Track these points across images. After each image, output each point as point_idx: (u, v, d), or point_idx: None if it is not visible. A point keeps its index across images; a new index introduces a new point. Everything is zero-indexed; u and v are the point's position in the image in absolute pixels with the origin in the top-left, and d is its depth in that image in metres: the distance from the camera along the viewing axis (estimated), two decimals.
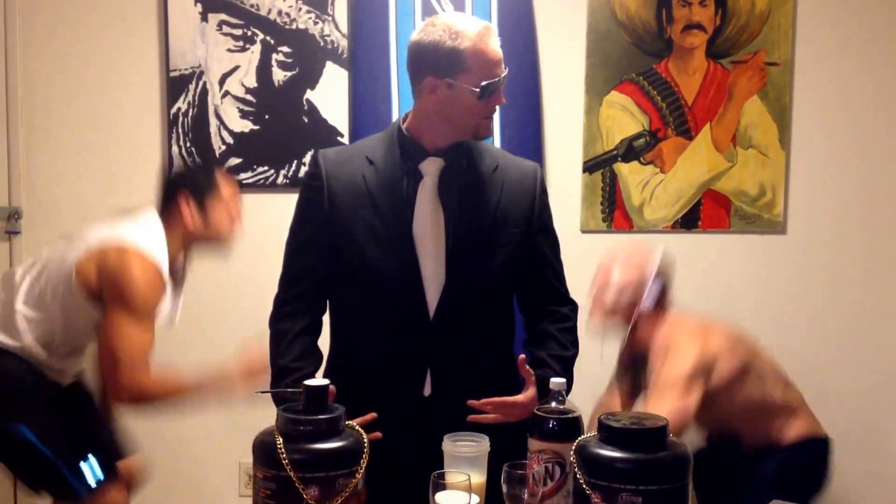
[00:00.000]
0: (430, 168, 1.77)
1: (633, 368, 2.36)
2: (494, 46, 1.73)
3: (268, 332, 1.87)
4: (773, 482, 2.21)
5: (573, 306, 1.90)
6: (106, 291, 2.09)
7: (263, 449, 1.33)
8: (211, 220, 2.25)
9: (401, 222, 1.75)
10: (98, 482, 2.18)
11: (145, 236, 2.15)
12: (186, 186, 2.24)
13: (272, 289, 2.79)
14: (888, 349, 2.71)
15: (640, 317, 2.27)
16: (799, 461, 2.26)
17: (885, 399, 2.72)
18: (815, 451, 2.28)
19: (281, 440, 1.31)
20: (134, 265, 2.08)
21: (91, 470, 2.18)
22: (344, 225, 1.78)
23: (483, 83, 1.70)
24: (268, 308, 2.83)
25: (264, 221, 2.79)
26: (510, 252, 1.80)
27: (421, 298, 1.75)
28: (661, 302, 2.29)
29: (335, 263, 1.81)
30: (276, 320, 1.87)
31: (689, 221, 2.73)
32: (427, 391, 1.77)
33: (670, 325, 2.27)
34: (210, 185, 2.26)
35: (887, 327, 2.71)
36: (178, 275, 2.29)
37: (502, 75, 1.74)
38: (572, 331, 1.87)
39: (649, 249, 2.31)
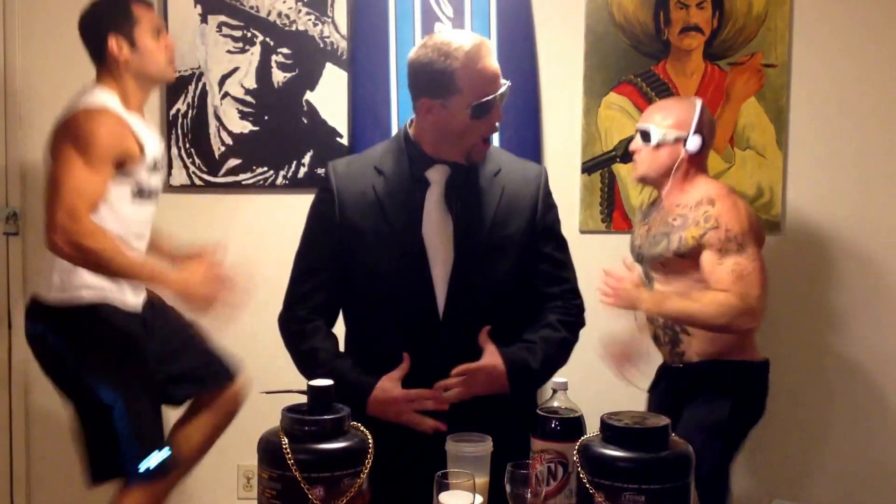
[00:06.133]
0: (437, 176, 1.79)
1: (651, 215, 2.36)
2: (487, 63, 1.72)
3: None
4: (728, 400, 2.20)
5: (572, 316, 1.88)
6: (57, 141, 2.02)
7: (268, 449, 1.33)
8: (145, 53, 2.16)
9: (412, 231, 1.77)
10: (152, 473, 2.12)
11: (90, 96, 2.08)
12: (107, 27, 2.15)
13: (272, 288, 2.80)
14: (887, 349, 2.73)
15: (681, 163, 2.23)
16: (752, 382, 2.26)
17: (882, 396, 2.73)
18: (761, 373, 2.28)
19: (286, 440, 1.31)
20: (83, 116, 2.01)
21: (160, 460, 2.14)
22: (355, 236, 1.80)
23: (474, 104, 1.70)
24: (269, 305, 2.84)
25: (264, 222, 2.80)
26: (514, 255, 1.81)
27: (432, 306, 1.77)
28: (701, 154, 2.26)
29: (347, 275, 1.83)
30: (289, 334, 1.90)
31: None
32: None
33: (710, 182, 2.27)
34: (130, 17, 2.16)
35: (886, 327, 2.72)
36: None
37: (498, 92, 1.73)
38: (562, 328, 1.86)
39: (690, 101, 2.30)
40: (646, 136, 2.27)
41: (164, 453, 2.16)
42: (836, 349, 2.74)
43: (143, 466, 2.11)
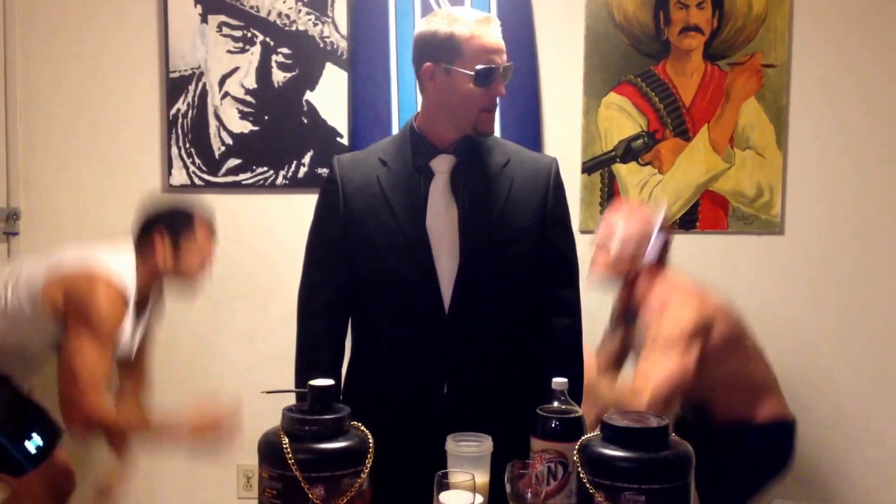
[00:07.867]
0: (442, 165, 1.78)
1: (625, 325, 2.38)
2: (492, 35, 1.73)
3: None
4: (743, 460, 2.27)
5: (574, 317, 1.87)
6: (71, 314, 2.14)
7: (269, 448, 1.33)
8: (182, 261, 2.30)
9: (415, 221, 1.75)
10: (41, 456, 2.27)
11: (115, 264, 2.20)
12: (164, 223, 2.29)
13: (273, 287, 2.82)
14: (885, 348, 2.73)
15: (640, 271, 2.30)
16: (769, 442, 2.31)
17: (882, 396, 2.74)
18: (784, 433, 2.33)
19: (287, 440, 1.31)
20: (100, 292, 2.13)
21: (35, 446, 2.27)
22: (360, 227, 1.79)
23: (478, 67, 1.70)
24: (269, 306, 2.85)
25: (264, 222, 2.80)
26: (523, 247, 1.80)
27: (437, 297, 1.75)
28: (661, 258, 2.33)
29: (353, 268, 1.82)
30: (304, 335, 1.87)
31: (687, 222, 2.74)
32: (445, 389, 1.78)
33: (668, 283, 2.29)
34: (187, 226, 2.31)
35: (885, 326, 2.72)
36: (144, 307, 2.33)
37: (502, 65, 1.74)
38: (569, 347, 1.86)
39: (654, 205, 2.35)
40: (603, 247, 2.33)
41: (34, 443, 2.27)
42: (837, 349, 2.74)
43: (19, 456, 2.24)
